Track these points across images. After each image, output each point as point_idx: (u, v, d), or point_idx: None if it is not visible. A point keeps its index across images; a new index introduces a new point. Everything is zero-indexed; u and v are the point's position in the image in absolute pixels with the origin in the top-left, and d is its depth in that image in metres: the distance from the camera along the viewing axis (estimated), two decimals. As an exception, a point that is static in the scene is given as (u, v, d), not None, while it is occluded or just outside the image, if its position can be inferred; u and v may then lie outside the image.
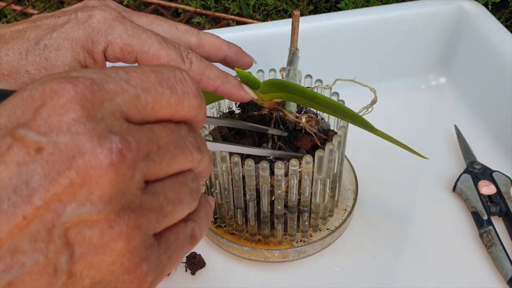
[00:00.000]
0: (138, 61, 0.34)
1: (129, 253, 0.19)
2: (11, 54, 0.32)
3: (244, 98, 0.37)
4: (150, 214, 0.20)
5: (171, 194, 0.21)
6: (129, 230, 0.19)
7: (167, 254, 0.21)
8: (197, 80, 0.35)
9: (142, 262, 0.20)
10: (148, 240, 0.20)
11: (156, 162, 0.20)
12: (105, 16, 0.33)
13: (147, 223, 0.20)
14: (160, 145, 0.20)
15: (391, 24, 0.61)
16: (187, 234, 0.23)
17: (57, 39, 0.32)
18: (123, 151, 0.18)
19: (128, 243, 0.19)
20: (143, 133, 0.20)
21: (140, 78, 0.20)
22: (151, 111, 0.20)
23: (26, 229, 0.17)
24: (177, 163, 0.21)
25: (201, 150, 0.23)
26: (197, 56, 0.35)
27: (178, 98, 0.21)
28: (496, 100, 0.57)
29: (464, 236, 0.48)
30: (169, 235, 0.22)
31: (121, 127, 0.19)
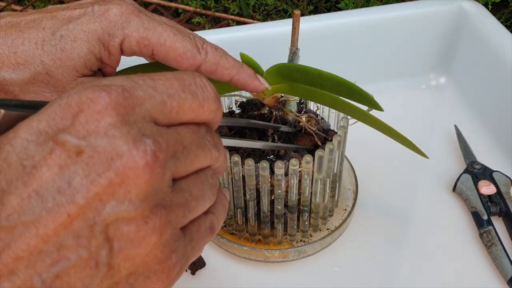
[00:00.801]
0: (155, 54, 0.34)
1: (162, 246, 0.21)
2: (27, 43, 0.32)
3: (258, 88, 0.37)
4: (178, 209, 0.21)
5: (195, 190, 0.23)
6: (161, 225, 0.20)
7: (191, 245, 0.23)
8: (213, 70, 0.35)
9: (172, 253, 0.21)
10: (177, 233, 0.22)
11: (182, 161, 0.22)
12: (121, 10, 0.33)
13: (176, 218, 0.21)
14: (185, 145, 0.22)
15: (391, 24, 0.61)
16: (207, 225, 0.25)
17: (73, 30, 0.33)
18: (156, 152, 0.20)
19: (161, 237, 0.20)
20: (170, 135, 0.21)
21: (165, 85, 0.22)
22: (176, 115, 0.22)
23: (70, 226, 0.19)
24: (198, 161, 0.23)
25: (218, 148, 0.25)
26: (212, 46, 0.36)
27: (199, 102, 0.23)
28: (496, 100, 0.57)
29: (464, 236, 0.48)
30: (192, 227, 0.23)
31: (151, 130, 0.20)
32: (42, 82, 0.33)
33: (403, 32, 0.62)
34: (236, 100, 0.48)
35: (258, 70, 0.38)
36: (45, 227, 0.18)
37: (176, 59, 0.34)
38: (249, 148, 0.42)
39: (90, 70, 0.34)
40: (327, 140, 0.43)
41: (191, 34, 0.35)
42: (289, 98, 0.42)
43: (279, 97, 0.42)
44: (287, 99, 0.42)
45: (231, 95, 0.47)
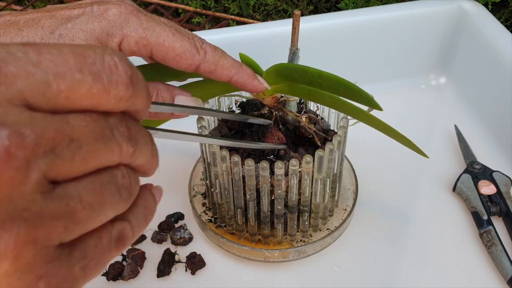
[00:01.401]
0: (153, 54, 0.34)
1: (19, 272, 0.16)
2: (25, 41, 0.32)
3: (257, 88, 0.37)
4: (54, 222, 0.17)
5: (88, 196, 0.18)
6: (19, 246, 0.16)
7: (82, 264, 0.18)
8: (212, 70, 0.35)
9: (38, 280, 0.17)
10: (49, 253, 0.17)
11: (65, 158, 0.17)
12: (120, 10, 0.33)
13: (48, 233, 0.17)
14: (74, 137, 0.17)
15: (391, 24, 0.61)
16: (113, 237, 0.20)
17: (72, 29, 0.32)
18: (11, 149, 0.15)
19: (17, 261, 0.16)
20: (51, 124, 0.17)
21: (55, 61, 0.17)
22: (65, 101, 0.17)
23: None
24: (98, 158, 0.18)
25: (135, 141, 0.20)
26: (212, 46, 0.35)
27: (103, 87, 0.18)
28: (496, 100, 0.57)
29: (464, 236, 0.48)
30: (87, 241, 0.19)
31: (17, 117, 0.16)
32: None
33: (403, 32, 0.62)
34: (236, 100, 0.48)
35: (258, 70, 0.38)
36: None
37: (175, 59, 0.34)
38: (249, 148, 0.42)
39: None
40: (327, 140, 0.43)
41: (190, 34, 0.35)
42: (289, 98, 0.42)
43: (279, 97, 0.42)
44: (287, 99, 0.42)
45: (231, 95, 0.47)
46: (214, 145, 0.39)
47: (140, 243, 0.47)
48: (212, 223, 0.47)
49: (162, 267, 0.45)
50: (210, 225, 0.46)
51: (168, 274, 0.45)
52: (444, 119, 0.60)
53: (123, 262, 0.45)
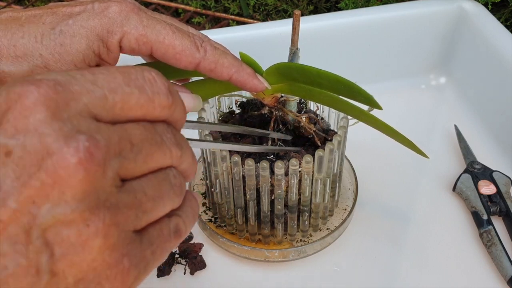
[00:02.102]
0: (153, 51, 0.34)
1: (109, 250, 0.19)
2: (27, 37, 0.32)
3: (257, 87, 0.37)
4: (128, 211, 0.20)
5: (150, 191, 0.21)
6: (106, 228, 0.19)
7: (151, 249, 0.22)
8: (212, 68, 0.35)
9: (123, 257, 0.20)
10: (128, 236, 0.20)
11: (130, 160, 0.20)
12: (121, 8, 0.34)
13: (125, 220, 0.20)
14: (134, 143, 0.21)
15: (391, 24, 0.61)
16: (171, 229, 0.23)
17: (73, 26, 0.33)
18: (91, 149, 0.18)
19: (106, 240, 0.19)
20: (114, 132, 0.20)
21: (107, 79, 0.20)
22: (121, 111, 0.21)
23: (4, 232, 0.18)
24: (154, 160, 0.22)
25: (181, 147, 0.23)
26: (212, 44, 0.36)
27: (148, 97, 0.21)
28: (496, 100, 0.57)
29: (464, 236, 0.48)
30: (152, 231, 0.22)
31: (89, 126, 0.19)
32: None
33: (403, 32, 0.62)
34: (236, 100, 0.48)
35: (258, 70, 0.38)
36: None
37: (175, 56, 0.34)
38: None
39: (89, 66, 0.34)
40: (327, 140, 0.43)
41: (190, 32, 0.35)
42: (289, 98, 0.42)
43: (279, 97, 0.42)
44: (287, 99, 0.42)
45: (231, 95, 0.47)
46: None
47: (140, 243, 0.47)
48: (212, 223, 0.47)
49: (162, 267, 0.45)
50: (210, 225, 0.46)
51: (168, 274, 0.45)
52: (444, 119, 0.60)
53: (123, 262, 0.45)
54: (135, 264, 0.21)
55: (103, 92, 0.20)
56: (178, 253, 0.46)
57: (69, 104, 0.19)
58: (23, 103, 0.18)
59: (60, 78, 0.19)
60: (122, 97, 0.21)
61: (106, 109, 0.20)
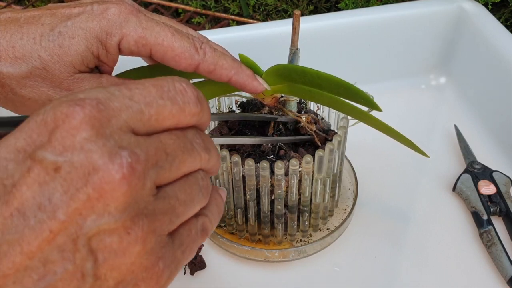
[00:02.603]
0: (153, 53, 0.34)
1: (147, 254, 0.21)
2: (25, 38, 0.32)
3: (257, 89, 0.37)
4: (163, 217, 0.22)
5: (182, 195, 0.23)
6: (145, 234, 0.21)
7: (181, 249, 0.23)
8: (211, 70, 0.35)
9: (158, 260, 0.22)
10: (163, 240, 0.22)
11: (165, 169, 0.22)
12: (120, 9, 0.34)
13: (161, 225, 0.21)
14: (168, 152, 0.22)
15: (391, 24, 0.61)
16: (199, 228, 0.25)
17: (71, 27, 0.33)
18: (133, 164, 0.20)
19: (145, 246, 0.21)
20: (151, 144, 0.21)
21: (143, 94, 0.22)
22: (156, 123, 0.22)
23: (54, 242, 0.19)
24: (186, 166, 0.23)
25: (209, 150, 0.25)
26: (211, 46, 0.36)
27: (179, 108, 0.23)
28: (496, 100, 0.57)
29: (464, 236, 0.48)
30: (182, 231, 0.23)
31: (129, 141, 0.20)
32: (39, 77, 0.33)
33: (403, 32, 0.62)
34: (236, 100, 0.48)
35: (257, 71, 0.38)
36: (29, 244, 0.19)
37: (174, 58, 0.34)
38: (249, 148, 0.42)
39: (87, 67, 0.34)
40: (327, 140, 0.43)
41: (189, 34, 0.35)
42: (289, 98, 0.42)
43: (279, 98, 0.42)
44: (287, 99, 0.42)
45: (231, 95, 0.47)
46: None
47: (140, 243, 0.47)
48: (212, 223, 0.47)
49: (162, 267, 0.45)
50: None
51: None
52: (444, 119, 0.60)
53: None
54: (168, 264, 0.22)
55: (139, 107, 0.21)
56: (178, 253, 0.46)
57: (110, 121, 0.20)
58: (70, 123, 0.20)
59: (101, 97, 0.21)
60: (157, 109, 0.22)
61: (143, 122, 0.22)
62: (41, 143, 0.20)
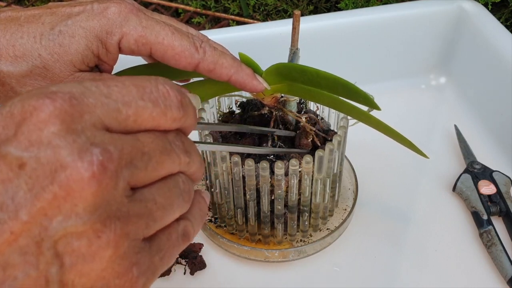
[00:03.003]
0: (153, 52, 0.34)
1: (119, 259, 0.20)
2: (26, 37, 0.32)
3: (257, 88, 0.37)
4: (138, 220, 0.20)
5: (160, 198, 0.22)
6: (117, 238, 0.19)
7: (159, 255, 0.22)
8: (211, 69, 0.35)
9: (132, 266, 0.20)
10: (137, 245, 0.21)
11: (141, 169, 0.21)
12: (120, 8, 0.34)
13: (136, 229, 0.20)
14: (145, 151, 0.21)
15: (391, 24, 0.61)
16: (180, 233, 0.23)
17: (72, 26, 0.33)
18: (104, 163, 0.19)
19: (117, 250, 0.19)
20: (126, 141, 0.20)
21: (121, 92, 0.21)
22: (134, 124, 0.21)
23: (15, 244, 0.18)
24: (164, 168, 0.22)
25: (189, 153, 0.24)
26: (211, 45, 0.36)
27: (161, 111, 0.22)
28: (496, 100, 0.57)
29: (464, 236, 0.48)
30: (161, 236, 0.22)
31: (102, 138, 0.19)
32: (39, 76, 0.33)
33: (403, 32, 0.62)
34: (236, 100, 0.48)
35: (257, 70, 0.38)
36: None
37: (174, 57, 0.34)
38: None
39: (87, 66, 0.34)
40: (327, 140, 0.43)
41: (189, 33, 0.35)
42: (289, 98, 0.42)
43: (279, 97, 0.42)
44: (287, 99, 0.42)
45: (231, 95, 0.47)
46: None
47: (140, 243, 0.47)
48: (212, 223, 0.47)
49: (162, 267, 0.45)
50: (210, 225, 0.46)
51: (168, 274, 0.45)
52: (444, 119, 0.60)
53: (123, 262, 0.45)
54: (144, 271, 0.21)
55: (117, 105, 0.20)
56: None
57: (83, 117, 0.19)
58: (38, 116, 0.18)
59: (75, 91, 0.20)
60: (136, 110, 0.21)
61: (119, 121, 0.20)
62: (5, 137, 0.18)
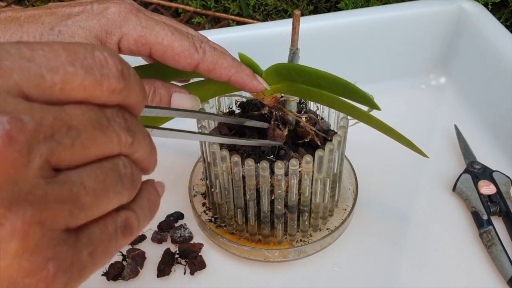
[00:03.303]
0: (152, 52, 0.34)
1: (29, 254, 0.17)
2: (25, 37, 0.32)
3: (256, 88, 0.37)
4: (59, 206, 0.17)
5: (91, 182, 0.19)
6: (26, 227, 0.16)
7: (89, 250, 0.19)
8: (211, 69, 0.35)
9: (47, 262, 0.17)
10: (55, 237, 0.17)
11: (65, 145, 0.18)
12: (120, 9, 0.34)
13: (54, 217, 0.17)
14: (72, 125, 0.18)
15: (391, 24, 0.61)
16: (119, 224, 0.20)
17: (71, 26, 0.33)
18: (12, 133, 0.16)
19: (25, 242, 0.16)
20: (48, 112, 0.17)
21: (47, 56, 0.18)
22: (60, 93, 0.18)
23: None
24: (97, 146, 0.19)
25: (133, 133, 0.20)
26: (211, 46, 0.36)
27: (95, 80, 0.19)
28: (496, 100, 0.57)
29: (464, 236, 0.48)
30: (92, 228, 0.19)
31: (16, 106, 0.17)
32: None
33: (403, 32, 0.62)
34: (236, 100, 0.48)
35: (257, 70, 0.38)
36: None
37: (174, 57, 0.34)
38: (249, 148, 0.42)
39: None
40: (327, 140, 0.43)
41: (189, 33, 0.35)
42: (289, 98, 0.42)
43: (278, 97, 0.42)
44: (287, 99, 0.42)
45: (231, 95, 0.47)
46: (214, 145, 0.39)
47: (140, 243, 0.47)
48: (212, 223, 0.47)
49: (162, 267, 0.45)
50: (210, 225, 0.46)
51: (168, 274, 0.45)
52: (444, 119, 0.60)
53: (123, 262, 0.45)
54: (65, 269, 0.18)
55: (40, 71, 0.18)
56: (178, 253, 0.46)
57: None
58: None
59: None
60: (64, 77, 0.18)
61: (42, 88, 0.18)
62: None
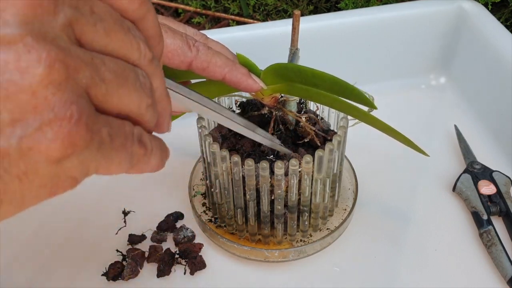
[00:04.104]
0: None
1: (53, 86, 0.17)
2: None
3: (252, 87, 0.37)
4: (80, 62, 0.18)
5: (111, 64, 0.19)
6: (51, 60, 0.17)
7: (108, 130, 0.19)
8: (204, 67, 0.35)
9: (70, 104, 0.17)
10: (79, 90, 0.18)
11: (88, 20, 0.18)
12: None
13: (76, 68, 0.17)
14: (95, 11, 0.19)
15: (391, 24, 0.61)
16: (135, 132, 0.21)
17: None
18: None
19: (50, 72, 0.17)
20: None
21: None
22: None
23: None
24: (117, 40, 0.20)
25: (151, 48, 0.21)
26: (204, 45, 0.36)
27: None
28: (496, 100, 0.57)
29: (464, 236, 0.48)
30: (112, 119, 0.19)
31: None
32: None
33: (403, 32, 0.62)
34: (236, 100, 0.48)
35: (255, 70, 0.38)
36: None
37: (167, 55, 0.35)
38: (249, 148, 0.42)
39: None
40: (327, 140, 0.43)
41: (182, 33, 0.35)
42: (288, 98, 0.42)
43: (278, 97, 0.42)
44: (287, 99, 0.42)
45: (231, 95, 0.47)
46: (214, 145, 0.39)
47: (140, 243, 0.47)
48: (212, 223, 0.47)
49: (162, 267, 0.45)
50: (210, 225, 0.46)
51: (168, 274, 0.45)
52: (444, 119, 0.60)
53: (123, 262, 0.45)
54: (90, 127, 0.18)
55: None
56: (178, 253, 0.46)
57: None
58: None
59: None
60: None
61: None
62: None
